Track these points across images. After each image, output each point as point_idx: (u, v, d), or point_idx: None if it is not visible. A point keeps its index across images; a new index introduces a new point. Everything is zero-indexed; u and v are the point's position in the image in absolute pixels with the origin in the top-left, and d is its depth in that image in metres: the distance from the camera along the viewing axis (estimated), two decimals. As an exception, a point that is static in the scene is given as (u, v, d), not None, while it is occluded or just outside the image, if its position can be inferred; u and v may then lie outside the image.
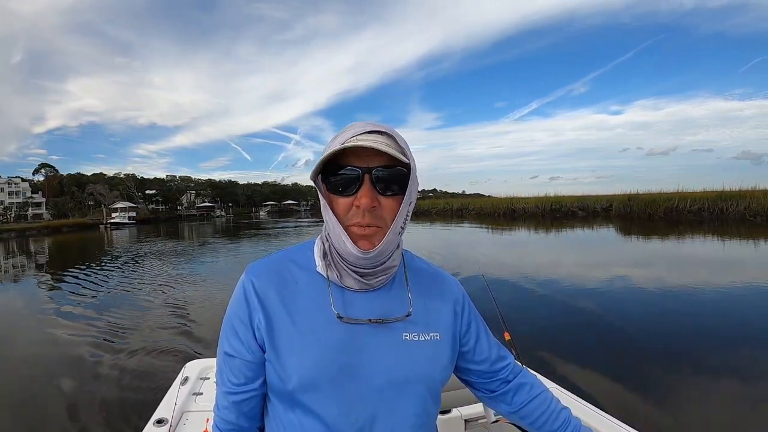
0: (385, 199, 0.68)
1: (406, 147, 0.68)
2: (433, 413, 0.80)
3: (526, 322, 5.62)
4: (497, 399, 0.91)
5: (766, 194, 21.75)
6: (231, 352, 0.75)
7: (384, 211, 0.68)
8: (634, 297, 7.12)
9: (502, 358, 0.90)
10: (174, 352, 4.95)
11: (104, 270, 12.96)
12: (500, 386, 0.89)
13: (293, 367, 0.70)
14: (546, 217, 28.44)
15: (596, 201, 28.81)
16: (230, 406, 0.76)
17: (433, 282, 0.84)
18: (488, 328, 0.91)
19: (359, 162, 0.67)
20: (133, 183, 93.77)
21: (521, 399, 0.89)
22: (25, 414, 3.74)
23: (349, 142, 0.66)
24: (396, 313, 0.75)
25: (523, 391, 0.89)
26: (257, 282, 0.75)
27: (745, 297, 6.84)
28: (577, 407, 1.68)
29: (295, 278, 0.76)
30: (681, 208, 23.24)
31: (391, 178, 0.67)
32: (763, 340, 4.87)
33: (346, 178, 0.67)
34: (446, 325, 0.80)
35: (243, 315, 0.74)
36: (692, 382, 3.88)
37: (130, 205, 76.06)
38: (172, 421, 1.70)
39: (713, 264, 10.29)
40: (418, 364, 0.74)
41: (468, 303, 0.87)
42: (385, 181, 0.67)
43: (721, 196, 23.07)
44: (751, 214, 20.88)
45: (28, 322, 7.34)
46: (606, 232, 18.94)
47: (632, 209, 24.69)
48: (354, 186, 0.67)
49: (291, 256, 0.79)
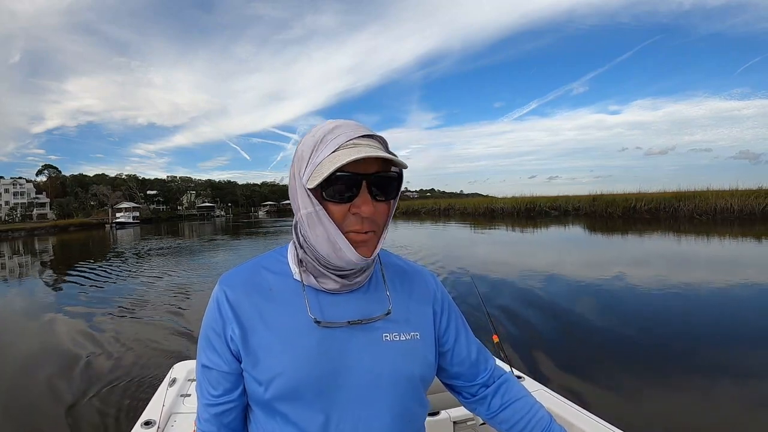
0: (378, 204, 0.67)
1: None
2: (419, 414, 0.78)
3: (512, 322, 5.69)
4: (476, 402, 0.89)
5: (717, 194, 23.97)
6: (208, 363, 0.74)
7: (378, 216, 0.68)
8: (616, 293, 7.36)
9: (482, 360, 0.88)
10: (162, 353, 4.87)
11: (109, 267, 13.61)
12: (479, 390, 0.88)
13: (271, 375, 0.68)
14: (521, 216, 30.63)
15: (567, 201, 31.02)
16: (211, 419, 0.75)
17: (410, 279, 0.82)
18: (469, 328, 0.89)
19: (356, 168, 0.64)
20: (135, 183, 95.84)
21: (499, 403, 0.86)
22: (10, 415, 3.70)
23: (347, 147, 0.64)
24: (375, 312, 0.74)
25: (503, 395, 0.87)
26: (230, 292, 0.73)
27: (691, 290, 7.34)
28: (564, 409, 1.68)
29: (269, 285, 0.74)
30: (638, 207, 25.52)
31: (386, 184, 0.67)
32: (713, 334, 5.15)
33: (344, 185, 0.64)
34: (426, 324, 0.79)
35: (217, 327, 0.73)
36: (683, 380, 3.90)
37: (134, 205, 78.61)
38: (160, 423, 1.68)
39: (657, 257, 11.90)
40: (400, 364, 0.73)
41: (447, 300, 0.86)
42: (380, 188, 0.67)
43: (676, 196, 25.30)
44: (698, 213, 23.13)
45: (20, 319, 7.45)
46: (574, 230, 20.55)
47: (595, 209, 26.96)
48: (350, 192, 0.65)
49: (263, 264, 0.77)
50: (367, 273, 0.75)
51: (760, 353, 4.43)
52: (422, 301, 0.81)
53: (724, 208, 22.54)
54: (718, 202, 22.91)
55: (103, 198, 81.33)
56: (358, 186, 0.65)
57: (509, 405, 0.86)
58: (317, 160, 0.65)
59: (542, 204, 32.34)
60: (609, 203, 26.67)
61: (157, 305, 7.53)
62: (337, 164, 0.61)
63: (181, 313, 6.85)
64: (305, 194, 0.67)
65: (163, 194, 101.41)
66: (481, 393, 0.88)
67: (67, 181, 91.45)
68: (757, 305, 6.36)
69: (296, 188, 0.69)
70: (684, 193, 25.85)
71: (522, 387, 0.90)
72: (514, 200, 35.26)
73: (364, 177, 0.65)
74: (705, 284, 7.74)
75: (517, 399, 0.86)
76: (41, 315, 7.42)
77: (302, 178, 0.67)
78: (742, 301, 6.67)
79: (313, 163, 0.65)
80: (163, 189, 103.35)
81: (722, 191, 24.53)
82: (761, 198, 22.11)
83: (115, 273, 12.29)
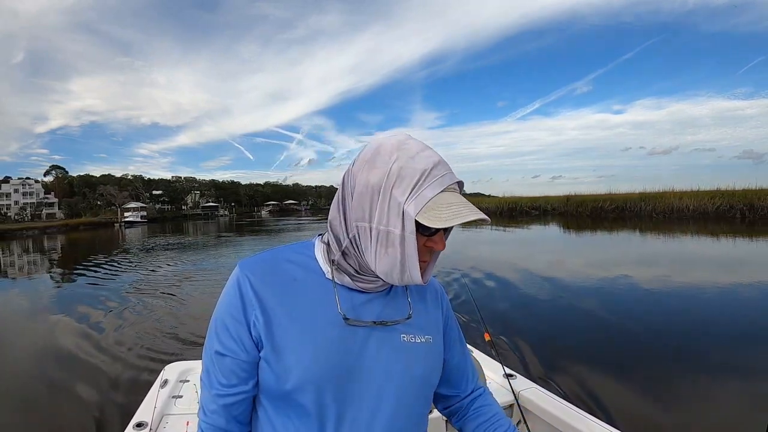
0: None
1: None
2: (425, 414, 0.81)
3: (502, 320, 5.74)
4: (450, 410, 0.94)
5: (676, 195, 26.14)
6: (223, 351, 0.71)
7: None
8: (608, 290, 7.46)
9: (465, 371, 0.92)
10: (154, 354, 4.83)
11: (116, 263, 13.97)
12: (452, 400, 0.92)
13: (292, 366, 0.68)
14: (504, 216, 32.82)
15: (546, 201, 33.30)
16: (219, 410, 0.72)
17: (425, 285, 0.84)
18: (463, 337, 0.93)
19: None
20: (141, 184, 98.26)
21: (466, 415, 0.91)
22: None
23: (449, 191, 0.66)
24: (397, 315, 0.76)
25: (474, 410, 0.91)
26: (253, 278, 0.71)
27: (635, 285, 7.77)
28: (556, 406, 1.70)
29: (293, 276, 0.74)
30: (604, 207, 27.85)
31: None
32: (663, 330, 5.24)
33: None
34: (437, 328, 0.83)
35: (237, 312, 0.70)
36: (676, 378, 3.91)
37: (142, 205, 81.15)
38: (152, 425, 1.66)
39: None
40: (416, 365, 0.75)
41: (449, 307, 0.90)
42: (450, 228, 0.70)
43: (641, 197, 27.54)
44: (657, 213, 25.36)
45: (19, 318, 7.46)
46: (552, 229, 22.32)
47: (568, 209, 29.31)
48: (433, 229, 0.67)
49: (286, 255, 0.77)
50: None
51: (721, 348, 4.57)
52: (434, 307, 0.85)
53: (679, 208, 24.73)
54: (675, 203, 25.09)
55: (110, 198, 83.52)
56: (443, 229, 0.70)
57: (474, 418, 0.90)
58: (427, 194, 0.64)
59: (523, 204, 34.67)
60: (579, 203, 29.13)
61: (150, 304, 7.43)
62: (455, 221, 0.62)
63: (174, 313, 6.77)
64: (397, 214, 0.65)
65: (168, 194, 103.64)
66: (453, 403, 0.93)
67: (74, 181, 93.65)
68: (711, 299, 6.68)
69: (386, 203, 0.66)
70: (648, 193, 28.23)
71: (494, 406, 0.92)
72: (498, 200, 37.78)
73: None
74: (662, 277, 8.32)
75: (485, 419, 0.89)
76: (42, 314, 7.36)
77: (404, 198, 0.65)
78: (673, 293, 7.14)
79: (424, 196, 0.64)
80: (168, 189, 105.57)
81: (683, 192, 26.85)
82: (716, 198, 24.27)
83: (117, 269, 12.62)
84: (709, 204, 24.10)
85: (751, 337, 4.90)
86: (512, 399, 1.78)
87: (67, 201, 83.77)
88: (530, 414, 1.75)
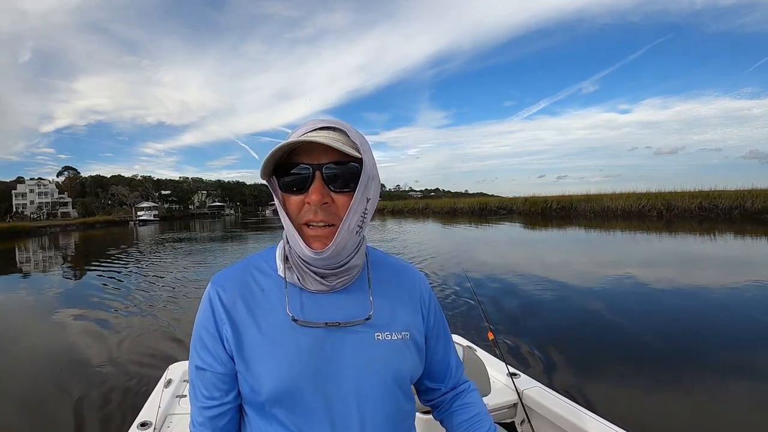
0: (338, 195, 0.67)
1: (361, 142, 0.67)
2: (409, 412, 0.80)
3: (505, 318, 5.68)
4: (433, 406, 0.94)
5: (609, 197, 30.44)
6: (202, 365, 0.73)
7: (338, 208, 0.67)
8: (604, 289, 7.38)
9: (448, 365, 0.91)
10: (158, 353, 4.75)
11: (124, 259, 14.32)
12: (434, 394, 0.92)
13: (263, 377, 0.69)
14: (476, 214, 37.39)
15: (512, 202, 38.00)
16: (205, 422, 0.74)
17: (399, 279, 0.83)
18: (448, 331, 0.91)
19: (310, 159, 0.66)
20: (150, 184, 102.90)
21: (449, 410, 0.91)
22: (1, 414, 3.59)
23: (297, 139, 0.64)
24: (357, 315, 0.74)
25: (457, 407, 0.90)
26: (222, 292, 0.73)
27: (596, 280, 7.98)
28: (560, 405, 1.67)
29: (260, 285, 0.74)
30: (552, 207, 32.64)
31: (343, 174, 0.66)
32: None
33: (298, 176, 0.66)
34: (416, 323, 0.81)
35: (210, 327, 0.73)
36: (671, 378, 3.80)
37: (153, 204, 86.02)
38: (156, 424, 1.67)
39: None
40: (390, 363, 0.74)
41: (433, 300, 0.87)
42: (337, 178, 0.66)
43: (586, 198, 32.04)
44: (592, 212, 29.70)
45: (19, 316, 7.40)
46: (515, 227, 23.92)
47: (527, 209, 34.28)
48: (306, 183, 0.66)
49: (255, 263, 0.78)
50: (351, 276, 0.76)
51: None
52: (411, 301, 0.82)
53: (609, 208, 29.02)
54: (607, 204, 29.40)
55: (122, 198, 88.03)
56: (311, 176, 0.66)
57: (456, 414, 0.90)
58: (281, 146, 0.65)
59: (492, 204, 39.64)
60: (533, 204, 34.02)
61: (155, 304, 7.34)
62: (275, 147, 0.61)
63: (179, 312, 6.71)
64: (270, 189, 0.70)
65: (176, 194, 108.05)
66: (435, 396, 0.92)
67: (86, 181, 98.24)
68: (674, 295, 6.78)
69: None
70: (591, 195, 32.83)
71: (478, 403, 0.91)
72: (471, 201, 43.32)
73: (316, 167, 0.66)
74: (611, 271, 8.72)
75: (468, 408, 0.89)
76: (43, 313, 7.36)
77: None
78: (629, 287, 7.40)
79: (271, 159, 0.66)
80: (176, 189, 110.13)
81: (617, 194, 31.25)
82: (642, 200, 28.48)
83: (122, 266, 12.81)
84: (633, 205, 28.33)
85: (756, 338, 4.77)
86: (516, 398, 1.78)
87: (81, 200, 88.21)
88: (534, 413, 1.73)
